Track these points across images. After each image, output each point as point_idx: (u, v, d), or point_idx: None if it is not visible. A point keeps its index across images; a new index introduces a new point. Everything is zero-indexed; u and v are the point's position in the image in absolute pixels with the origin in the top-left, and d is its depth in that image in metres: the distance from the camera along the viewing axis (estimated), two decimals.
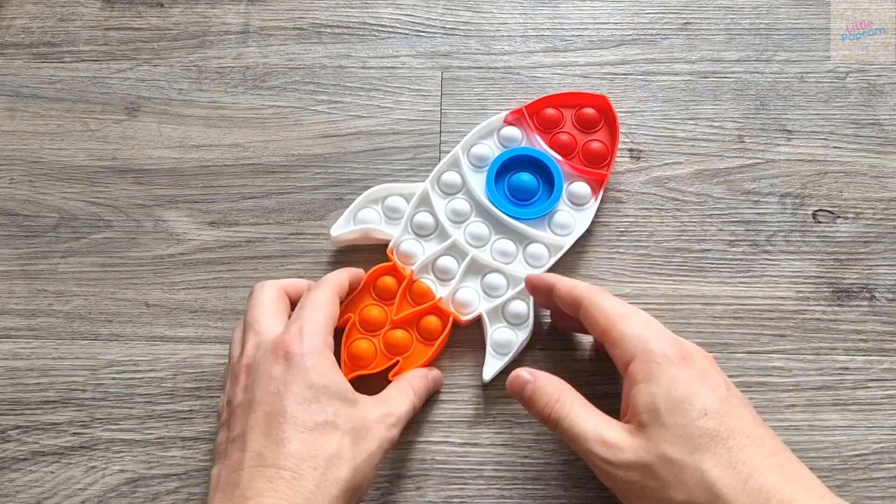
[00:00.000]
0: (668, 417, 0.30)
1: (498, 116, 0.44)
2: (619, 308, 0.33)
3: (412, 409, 0.36)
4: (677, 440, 0.29)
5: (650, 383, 0.31)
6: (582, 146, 0.43)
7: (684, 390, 0.30)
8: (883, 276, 0.42)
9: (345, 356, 0.39)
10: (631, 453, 0.30)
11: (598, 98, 0.44)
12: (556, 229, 0.42)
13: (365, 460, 0.32)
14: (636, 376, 0.31)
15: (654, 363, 0.31)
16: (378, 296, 0.41)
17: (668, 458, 0.29)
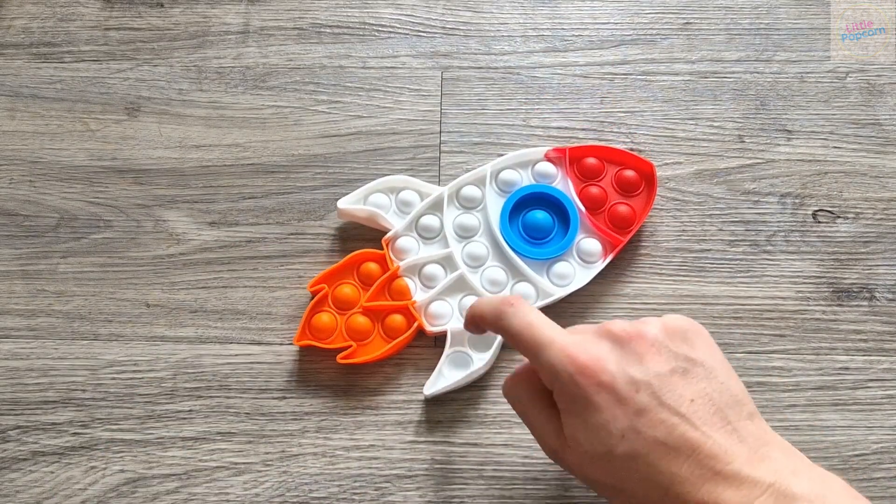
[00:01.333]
0: (588, 446, 0.30)
1: (539, 149, 0.43)
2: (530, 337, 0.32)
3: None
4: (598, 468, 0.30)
5: (567, 415, 0.31)
6: (611, 206, 0.42)
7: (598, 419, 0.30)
8: (883, 276, 0.42)
9: (305, 322, 0.40)
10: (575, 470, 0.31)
11: (645, 164, 0.43)
12: (554, 277, 0.41)
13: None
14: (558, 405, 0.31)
15: (566, 395, 0.30)
16: (358, 278, 0.41)
17: (595, 481, 0.31)
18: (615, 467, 0.29)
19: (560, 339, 0.31)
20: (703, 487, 0.28)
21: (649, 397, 0.29)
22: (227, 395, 0.40)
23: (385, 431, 0.39)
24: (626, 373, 0.30)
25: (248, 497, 0.38)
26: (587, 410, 0.30)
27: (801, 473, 0.28)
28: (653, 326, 0.31)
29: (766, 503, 0.27)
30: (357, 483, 0.38)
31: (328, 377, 0.40)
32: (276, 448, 0.39)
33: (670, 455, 0.28)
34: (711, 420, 0.29)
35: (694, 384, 0.30)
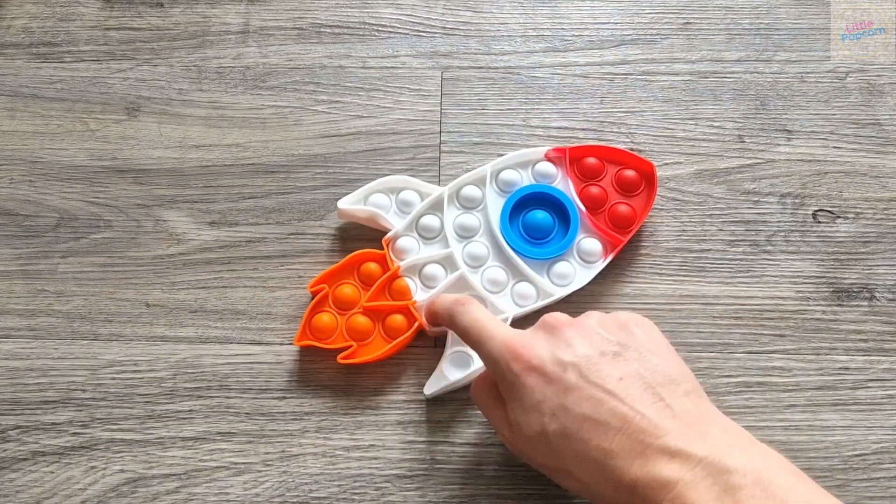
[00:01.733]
0: (526, 429, 0.31)
1: (539, 149, 0.43)
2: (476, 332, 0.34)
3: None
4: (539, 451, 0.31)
5: (509, 402, 0.32)
6: (611, 206, 0.42)
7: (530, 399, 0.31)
8: (883, 276, 0.42)
9: (306, 322, 0.40)
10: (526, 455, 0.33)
11: (645, 163, 0.43)
12: (554, 277, 0.41)
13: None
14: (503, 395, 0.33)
15: (506, 383, 0.32)
16: (359, 278, 0.41)
17: (542, 465, 0.32)
18: (552, 447, 0.30)
19: (500, 333, 0.33)
20: (636, 462, 0.28)
21: (577, 376, 0.30)
22: (227, 395, 0.40)
23: (385, 431, 0.39)
24: (555, 355, 0.31)
25: (248, 497, 0.38)
26: (521, 393, 0.31)
27: (738, 448, 0.28)
28: (589, 317, 0.33)
29: (699, 476, 0.27)
30: (357, 483, 0.38)
31: (328, 377, 0.40)
32: (276, 448, 0.39)
33: (600, 430, 0.29)
34: (641, 396, 0.29)
35: (624, 365, 0.30)
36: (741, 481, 0.26)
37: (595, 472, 0.29)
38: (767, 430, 0.39)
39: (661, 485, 0.27)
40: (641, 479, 0.27)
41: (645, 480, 0.27)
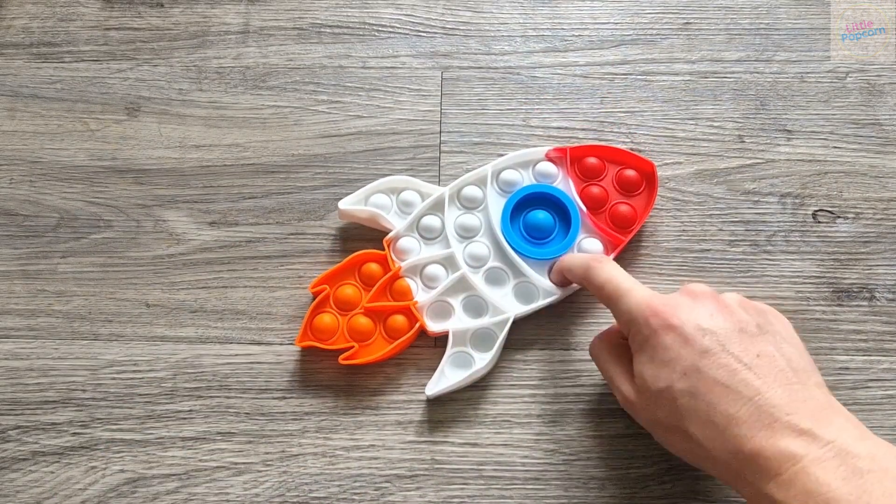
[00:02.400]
0: (651, 383, 0.32)
1: (540, 149, 0.43)
2: (613, 287, 0.35)
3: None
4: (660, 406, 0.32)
5: (638, 355, 0.33)
6: (612, 205, 0.42)
7: (664, 356, 0.31)
8: (883, 276, 0.42)
9: (307, 323, 0.40)
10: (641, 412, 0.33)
11: (646, 163, 0.43)
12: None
13: None
14: (632, 348, 0.34)
15: (639, 337, 0.33)
16: (360, 279, 0.41)
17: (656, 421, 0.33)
18: (675, 405, 0.31)
19: (640, 290, 0.34)
20: (761, 432, 0.28)
21: (715, 343, 0.31)
22: (227, 395, 0.40)
23: (385, 431, 0.39)
24: (696, 321, 0.31)
25: (248, 497, 0.38)
26: (655, 349, 0.32)
27: (865, 439, 0.28)
28: (729, 296, 0.33)
29: (827, 455, 0.27)
30: (357, 483, 0.38)
31: (328, 377, 0.40)
32: (276, 448, 0.39)
33: (730, 396, 0.29)
34: (776, 376, 0.30)
35: (762, 345, 0.31)
36: (869, 465, 0.27)
37: (714, 437, 0.29)
38: None
39: (787, 457, 0.27)
40: (766, 450, 0.28)
41: (769, 451, 0.28)
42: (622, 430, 0.39)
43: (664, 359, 0.31)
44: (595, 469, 0.38)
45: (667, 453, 0.38)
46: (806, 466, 0.27)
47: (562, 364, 0.41)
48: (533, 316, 0.41)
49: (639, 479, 0.38)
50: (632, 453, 0.39)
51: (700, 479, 0.38)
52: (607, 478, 0.38)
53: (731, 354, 0.30)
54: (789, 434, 0.28)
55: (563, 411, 0.40)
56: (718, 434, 0.29)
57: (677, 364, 0.31)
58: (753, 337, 0.31)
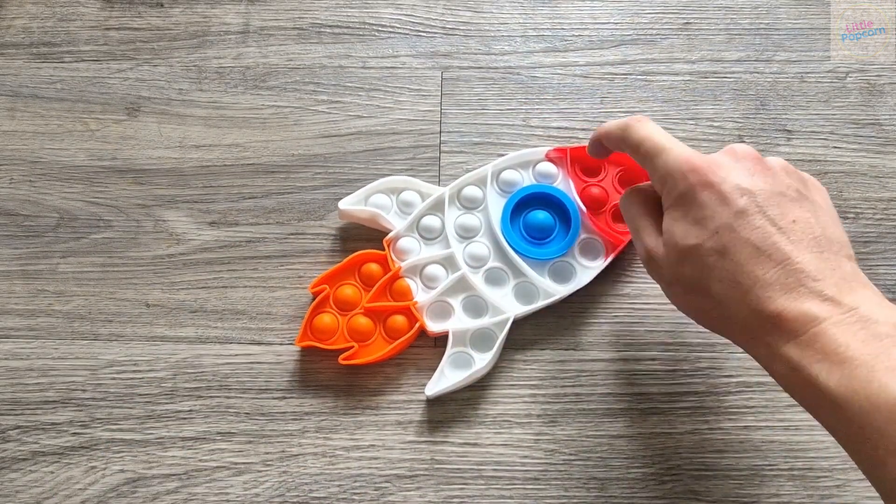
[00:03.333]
0: (680, 239, 0.31)
1: (540, 149, 0.43)
2: (652, 143, 0.34)
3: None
4: (684, 263, 0.31)
5: (671, 210, 0.32)
6: (612, 206, 0.42)
7: (698, 213, 0.31)
8: (883, 276, 0.42)
9: (307, 323, 0.40)
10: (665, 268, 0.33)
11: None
12: (555, 277, 0.41)
13: None
14: (664, 204, 0.33)
15: (675, 192, 0.32)
16: (360, 279, 0.41)
17: (678, 277, 0.32)
18: (702, 263, 0.30)
19: (679, 146, 0.33)
20: (786, 295, 0.28)
21: (751, 203, 0.30)
22: (227, 395, 0.40)
23: (385, 431, 0.39)
24: (735, 180, 0.31)
25: (248, 497, 0.38)
26: (691, 205, 0.31)
27: (889, 308, 0.28)
28: (774, 159, 0.33)
29: (848, 321, 0.27)
30: (357, 483, 0.38)
31: (328, 377, 0.40)
32: (276, 448, 0.39)
33: (760, 258, 0.29)
34: (808, 243, 0.30)
35: (799, 211, 0.31)
36: (889, 331, 0.27)
37: (737, 296, 0.29)
38: (767, 430, 0.39)
39: (809, 318, 0.28)
40: (788, 311, 0.28)
41: (792, 313, 0.28)
42: (622, 430, 0.39)
43: (698, 216, 0.31)
44: (595, 469, 0.38)
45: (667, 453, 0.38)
46: (826, 328, 0.27)
47: (562, 364, 0.41)
48: (533, 316, 0.41)
49: (639, 479, 0.38)
50: (632, 453, 0.39)
51: (700, 478, 0.38)
52: (607, 478, 0.38)
53: (766, 217, 0.30)
54: (814, 299, 0.28)
55: (563, 411, 0.40)
56: (742, 294, 0.29)
57: (711, 222, 0.30)
58: (792, 201, 0.31)
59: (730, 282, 0.30)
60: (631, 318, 0.41)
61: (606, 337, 0.41)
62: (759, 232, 0.30)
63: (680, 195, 0.32)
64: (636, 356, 0.41)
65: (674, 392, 0.40)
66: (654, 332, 0.41)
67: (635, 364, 0.41)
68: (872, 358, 0.26)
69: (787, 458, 0.38)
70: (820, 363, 0.27)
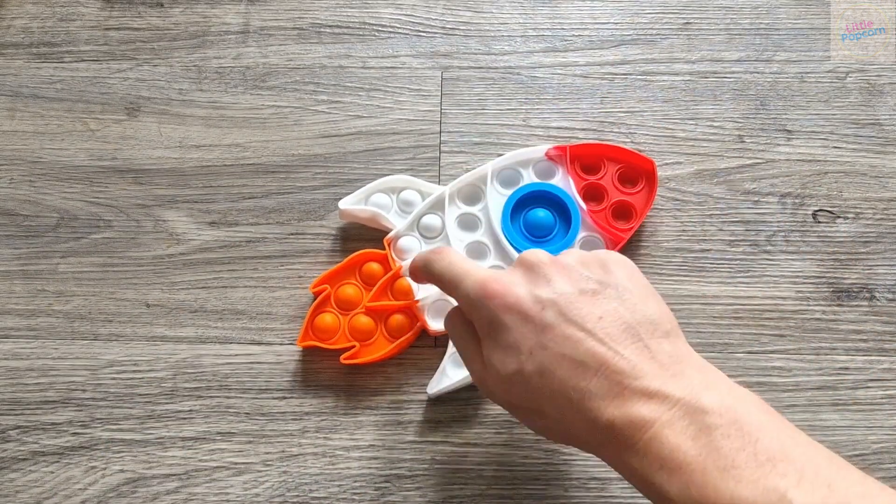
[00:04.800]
0: (501, 367, 0.30)
1: (540, 147, 0.43)
2: (450, 275, 0.33)
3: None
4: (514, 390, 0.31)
5: (484, 339, 0.31)
6: (613, 202, 0.42)
7: (507, 338, 0.30)
8: (883, 276, 0.42)
9: (308, 323, 0.40)
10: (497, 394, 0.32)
11: (645, 161, 0.43)
12: None
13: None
14: (478, 333, 0.32)
15: (482, 321, 0.31)
16: (361, 278, 0.42)
17: (514, 405, 0.31)
18: (528, 386, 0.30)
19: (475, 273, 0.32)
20: (613, 402, 0.28)
21: (555, 314, 0.29)
22: (227, 395, 0.40)
23: (385, 431, 0.39)
24: (533, 293, 0.30)
25: (248, 497, 0.38)
26: (498, 331, 0.30)
27: (714, 389, 0.28)
28: (569, 254, 0.32)
29: (676, 416, 0.27)
30: (357, 483, 0.38)
31: (328, 377, 0.40)
32: (276, 448, 0.39)
33: (578, 370, 0.28)
34: (621, 337, 0.29)
35: (604, 304, 0.30)
36: (717, 421, 0.26)
37: (571, 412, 0.29)
38: None
39: (639, 425, 0.27)
40: (619, 419, 0.27)
41: (622, 421, 0.27)
42: None
43: (509, 341, 0.30)
44: (595, 469, 0.38)
45: None
46: (657, 432, 0.27)
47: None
48: None
49: None
50: None
51: None
52: (607, 478, 0.38)
53: (572, 323, 0.29)
54: (639, 400, 0.27)
55: None
56: (574, 409, 0.28)
57: (522, 345, 0.30)
58: (594, 295, 0.30)
59: (560, 400, 0.29)
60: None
61: None
62: (570, 342, 0.29)
63: (487, 324, 0.31)
64: None
65: None
66: None
67: None
68: (704, 459, 0.26)
69: None
70: (659, 472, 0.26)
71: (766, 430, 0.26)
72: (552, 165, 0.43)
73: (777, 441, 0.26)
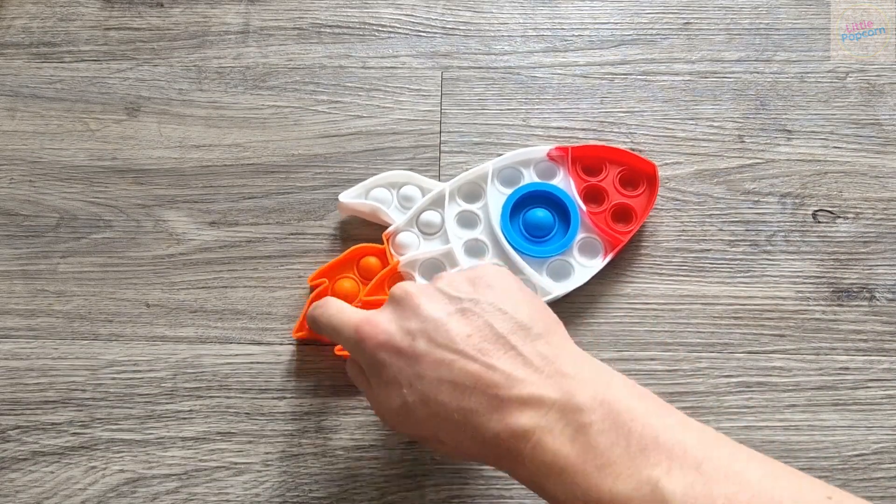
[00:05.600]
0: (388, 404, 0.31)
1: (542, 148, 0.43)
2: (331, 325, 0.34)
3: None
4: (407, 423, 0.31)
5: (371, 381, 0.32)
6: (612, 205, 0.42)
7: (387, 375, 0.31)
8: (883, 276, 0.42)
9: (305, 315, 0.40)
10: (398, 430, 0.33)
11: (647, 164, 0.43)
12: (552, 275, 0.41)
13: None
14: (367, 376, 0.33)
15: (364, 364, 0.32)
16: (358, 272, 0.42)
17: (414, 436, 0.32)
18: (416, 417, 0.30)
19: (350, 319, 0.33)
20: (494, 416, 0.28)
21: (426, 342, 0.30)
22: (227, 395, 0.40)
23: (385, 431, 0.39)
24: (402, 327, 0.31)
25: (248, 497, 0.38)
26: (379, 371, 0.31)
27: (585, 382, 0.28)
28: (438, 279, 0.33)
29: (553, 420, 0.27)
30: (357, 483, 0.38)
31: (328, 377, 0.40)
32: (276, 448, 0.39)
33: (457, 391, 0.29)
34: (492, 349, 0.29)
35: (473, 320, 0.30)
36: (591, 417, 0.27)
37: (459, 433, 0.29)
38: (767, 430, 0.39)
39: (520, 435, 0.28)
40: (502, 433, 0.28)
41: (505, 433, 0.28)
42: None
43: (388, 378, 0.31)
44: None
45: None
46: (539, 440, 0.27)
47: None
48: None
49: None
50: None
51: None
52: None
53: (442, 347, 0.29)
54: (517, 409, 0.28)
55: None
56: (461, 430, 0.29)
57: (401, 378, 0.30)
58: (463, 315, 0.30)
59: (447, 423, 0.29)
60: (631, 318, 0.42)
61: (606, 337, 0.41)
62: (443, 366, 0.29)
63: (368, 366, 0.32)
64: (636, 356, 0.41)
65: (674, 392, 0.40)
66: (654, 332, 0.41)
67: (635, 364, 0.40)
68: (583, 460, 0.26)
69: (786, 458, 0.38)
70: (547, 478, 0.27)
71: (638, 416, 0.27)
72: (553, 166, 0.43)
73: (649, 427, 0.26)
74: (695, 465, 0.25)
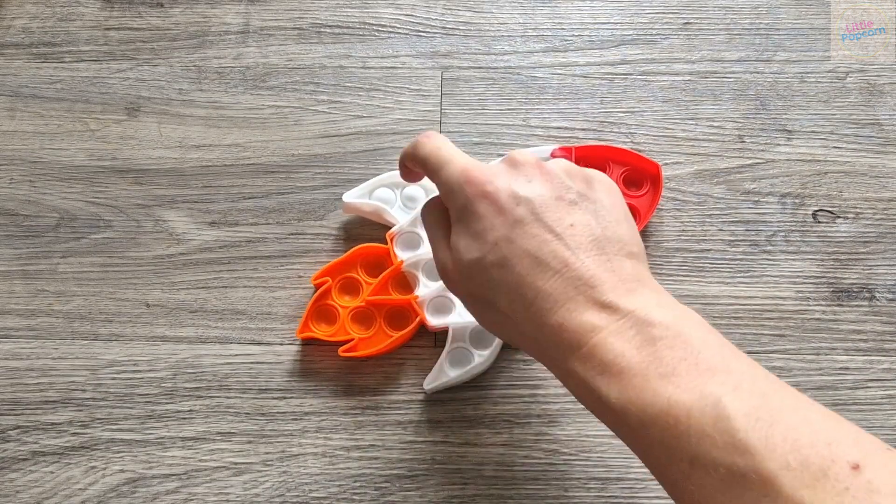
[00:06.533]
0: (465, 253, 0.31)
1: (546, 148, 0.43)
2: (435, 158, 0.33)
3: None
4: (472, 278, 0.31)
5: (455, 224, 0.32)
6: None
7: (477, 226, 0.30)
8: (883, 276, 0.42)
9: (309, 315, 0.40)
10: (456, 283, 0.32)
11: (650, 164, 0.43)
12: None
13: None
14: (451, 219, 0.32)
15: (456, 206, 0.32)
16: (362, 272, 0.42)
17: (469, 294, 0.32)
18: (485, 276, 0.30)
19: (460, 159, 0.32)
20: (565, 306, 0.28)
21: (528, 212, 0.30)
22: (227, 395, 0.40)
23: (385, 431, 0.39)
24: (511, 188, 0.30)
25: (248, 497, 0.38)
26: (470, 218, 0.31)
27: (665, 307, 0.28)
28: (556, 163, 0.32)
29: (625, 326, 0.27)
30: (357, 483, 0.38)
31: (328, 377, 0.40)
32: (276, 448, 0.39)
33: (539, 268, 0.29)
34: (587, 246, 0.29)
35: (577, 214, 0.30)
36: (662, 333, 0.27)
37: (522, 308, 0.29)
38: None
39: (587, 329, 0.27)
40: (568, 323, 0.28)
41: (572, 324, 0.28)
42: None
43: (477, 228, 0.30)
44: (595, 469, 0.38)
45: None
46: (604, 338, 0.27)
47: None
48: None
49: (639, 479, 0.38)
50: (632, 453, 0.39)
51: None
52: (607, 478, 0.38)
53: (542, 224, 0.29)
54: (591, 307, 0.28)
55: (563, 411, 0.40)
56: (526, 306, 0.29)
57: (490, 234, 0.30)
58: (571, 205, 0.30)
59: (514, 295, 0.29)
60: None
61: None
62: (537, 241, 0.29)
63: (461, 208, 0.31)
64: None
65: None
66: None
67: None
68: (646, 365, 0.26)
69: None
70: (601, 376, 0.27)
71: (710, 345, 0.27)
72: None
73: (719, 356, 0.26)
74: (760, 394, 0.25)
